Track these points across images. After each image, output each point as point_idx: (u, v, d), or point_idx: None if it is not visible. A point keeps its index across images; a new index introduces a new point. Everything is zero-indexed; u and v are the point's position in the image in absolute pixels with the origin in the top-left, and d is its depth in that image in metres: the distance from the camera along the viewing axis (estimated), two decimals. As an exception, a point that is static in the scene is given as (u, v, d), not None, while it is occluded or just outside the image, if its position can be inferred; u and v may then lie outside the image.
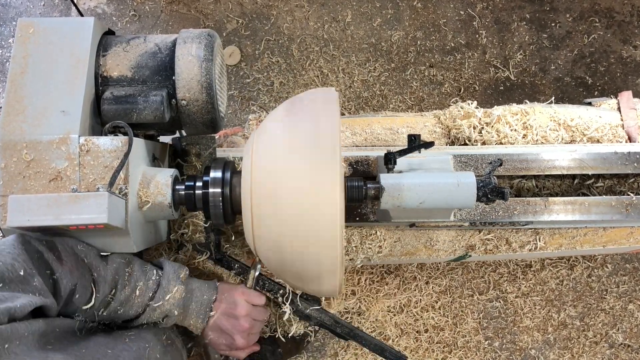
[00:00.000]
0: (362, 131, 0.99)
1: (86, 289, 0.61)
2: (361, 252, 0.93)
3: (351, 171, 0.91)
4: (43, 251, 0.58)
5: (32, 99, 0.65)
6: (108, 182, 0.62)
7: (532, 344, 1.34)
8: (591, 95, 1.54)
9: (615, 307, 1.36)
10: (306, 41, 1.54)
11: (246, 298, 0.75)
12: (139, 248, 0.69)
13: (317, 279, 0.64)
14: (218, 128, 0.77)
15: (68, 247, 0.62)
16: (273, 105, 1.50)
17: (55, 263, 0.58)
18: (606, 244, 0.97)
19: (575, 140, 0.99)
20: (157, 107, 0.68)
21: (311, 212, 0.59)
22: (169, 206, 0.70)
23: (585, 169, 0.93)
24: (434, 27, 1.56)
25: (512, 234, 0.96)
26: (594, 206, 0.92)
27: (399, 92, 1.53)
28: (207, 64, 0.70)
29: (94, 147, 0.64)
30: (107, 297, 0.65)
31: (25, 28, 0.68)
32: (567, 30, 1.57)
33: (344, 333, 0.80)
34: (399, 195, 0.72)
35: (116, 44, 0.72)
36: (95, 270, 0.63)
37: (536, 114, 0.99)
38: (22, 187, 0.62)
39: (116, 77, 0.71)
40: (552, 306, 1.36)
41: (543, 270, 1.37)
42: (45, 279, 0.56)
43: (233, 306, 0.73)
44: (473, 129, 0.98)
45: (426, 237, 0.95)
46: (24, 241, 0.57)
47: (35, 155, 0.63)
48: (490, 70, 1.55)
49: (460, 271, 1.37)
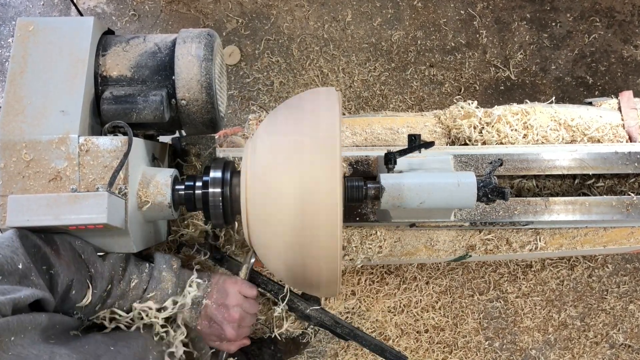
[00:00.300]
0: (362, 131, 0.99)
1: (82, 284, 0.61)
2: (361, 252, 0.93)
3: (351, 171, 0.90)
4: (41, 245, 0.58)
5: (31, 99, 0.65)
6: (108, 182, 0.62)
7: (532, 344, 1.34)
8: (592, 95, 1.54)
9: (616, 307, 1.36)
10: (306, 41, 1.53)
11: (238, 288, 0.73)
12: (138, 248, 0.69)
13: (317, 278, 0.64)
14: (218, 128, 0.77)
15: (66, 242, 0.61)
16: (273, 105, 1.50)
17: (53, 257, 0.58)
18: (607, 244, 0.97)
19: (576, 140, 0.98)
20: (157, 106, 0.68)
21: (311, 212, 0.59)
22: (169, 206, 0.69)
23: (585, 169, 0.93)
24: (434, 26, 1.56)
25: (512, 234, 0.96)
26: (594, 206, 0.92)
27: (399, 91, 1.53)
28: (207, 64, 0.70)
29: (93, 147, 0.64)
30: (104, 293, 0.64)
31: (24, 27, 0.68)
32: (567, 29, 1.57)
33: (344, 333, 0.80)
34: (399, 195, 0.72)
35: (116, 44, 0.72)
36: (92, 266, 0.63)
37: (537, 114, 0.99)
38: (21, 187, 0.62)
39: (116, 76, 0.71)
40: (552, 306, 1.35)
41: (543, 271, 1.37)
42: (42, 273, 0.56)
43: (224, 295, 0.71)
44: (473, 129, 0.97)
45: (426, 237, 0.95)
46: (22, 235, 0.57)
47: (35, 155, 0.63)
48: (490, 69, 1.55)
49: (461, 271, 1.37)
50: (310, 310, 0.80)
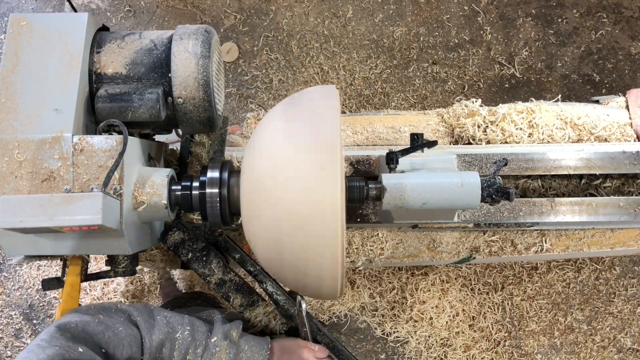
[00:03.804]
0: (364, 130, 0.97)
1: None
2: (362, 254, 0.91)
3: (352, 171, 0.89)
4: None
5: (24, 97, 0.64)
6: (102, 182, 0.61)
7: (538, 349, 1.32)
8: (599, 92, 1.52)
9: (624, 310, 1.33)
10: (306, 37, 1.51)
11: (314, 355, 0.68)
12: (133, 250, 0.68)
13: (318, 281, 0.63)
14: (215, 127, 0.75)
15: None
16: (272, 103, 1.48)
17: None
18: (614, 246, 0.95)
19: (583, 139, 0.97)
20: (153, 105, 0.67)
21: (311, 213, 0.57)
22: (165, 207, 0.68)
23: (592, 169, 0.91)
24: (437, 22, 1.54)
25: (517, 235, 0.94)
26: (601, 207, 0.90)
27: (401, 89, 1.51)
28: (204, 61, 0.68)
29: (87, 146, 0.62)
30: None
31: (17, 23, 0.66)
32: (574, 26, 1.54)
33: (324, 342, 0.77)
34: (401, 196, 0.71)
35: (111, 41, 0.71)
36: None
37: (542, 112, 0.97)
38: (14, 187, 0.61)
39: (111, 74, 0.69)
40: (558, 309, 1.33)
41: (549, 273, 1.35)
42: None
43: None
44: (477, 128, 0.96)
45: (429, 238, 0.93)
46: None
47: (28, 154, 0.62)
48: (495, 67, 1.52)
49: (464, 273, 1.35)
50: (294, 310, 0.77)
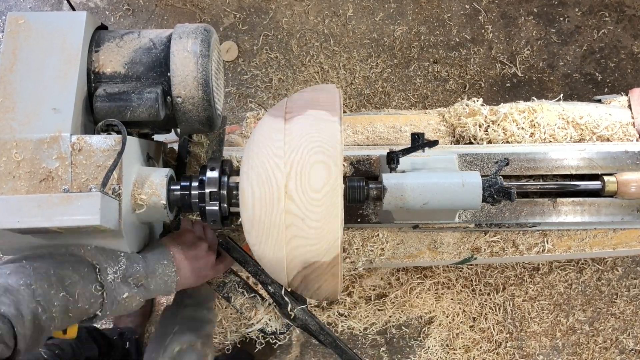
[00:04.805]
0: (364, 129, 0.97)
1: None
2: (363, 254, 0.91)
3: (352, 171, 0.89)
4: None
5: (22, 96, 0.63)
6: (101, 182, 0.60)
7: (539, 350, 1.32)
8: (601, 92, 1.51)
9: (626, 311, 1.32)
10: (306, 36, 1.51)
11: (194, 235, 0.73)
12: (132, 250, 0.67)
13: (317, 282, 0.63)
14: (215, 126, 0.75)
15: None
16: (272, 102, 1.48)
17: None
18: (616, 246, 0.95)
19: (585, 139, 0.96)
20: (152, 104, 0.66)
21: (312, 213, 0.57)
22: (164, 207, 0.68)
23: (594, 169, 0.90)
24: (438, 21, 1.53)
25: (519, 235, 0.94)
26: (603, 207, 0.89)
27: (402, 89, 1.50)
28: (204, 60, 0.68)
29: (86, 146, 0.62)
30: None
31: (15, 22, 0.66)
32: (576, 24, 1.53)
33: (326, 342, 0.76)
34: (402, 196, 0.70)
35: (109, 39, 0.70)
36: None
37: (544, 112, 0.97)
38: (11, 187, 0.61)
39: (109, 73, 0.69)
40: (560, 310, 1.33)
41: (551, 274, 1.34)
42: None
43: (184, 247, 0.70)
44: (479, 127, 0.95)
45: (430, 239, 0.93)
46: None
47: (26, 154, 0.61)
48: (496, 66, 1.51)
49: (464, 274, 1.35)
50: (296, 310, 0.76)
